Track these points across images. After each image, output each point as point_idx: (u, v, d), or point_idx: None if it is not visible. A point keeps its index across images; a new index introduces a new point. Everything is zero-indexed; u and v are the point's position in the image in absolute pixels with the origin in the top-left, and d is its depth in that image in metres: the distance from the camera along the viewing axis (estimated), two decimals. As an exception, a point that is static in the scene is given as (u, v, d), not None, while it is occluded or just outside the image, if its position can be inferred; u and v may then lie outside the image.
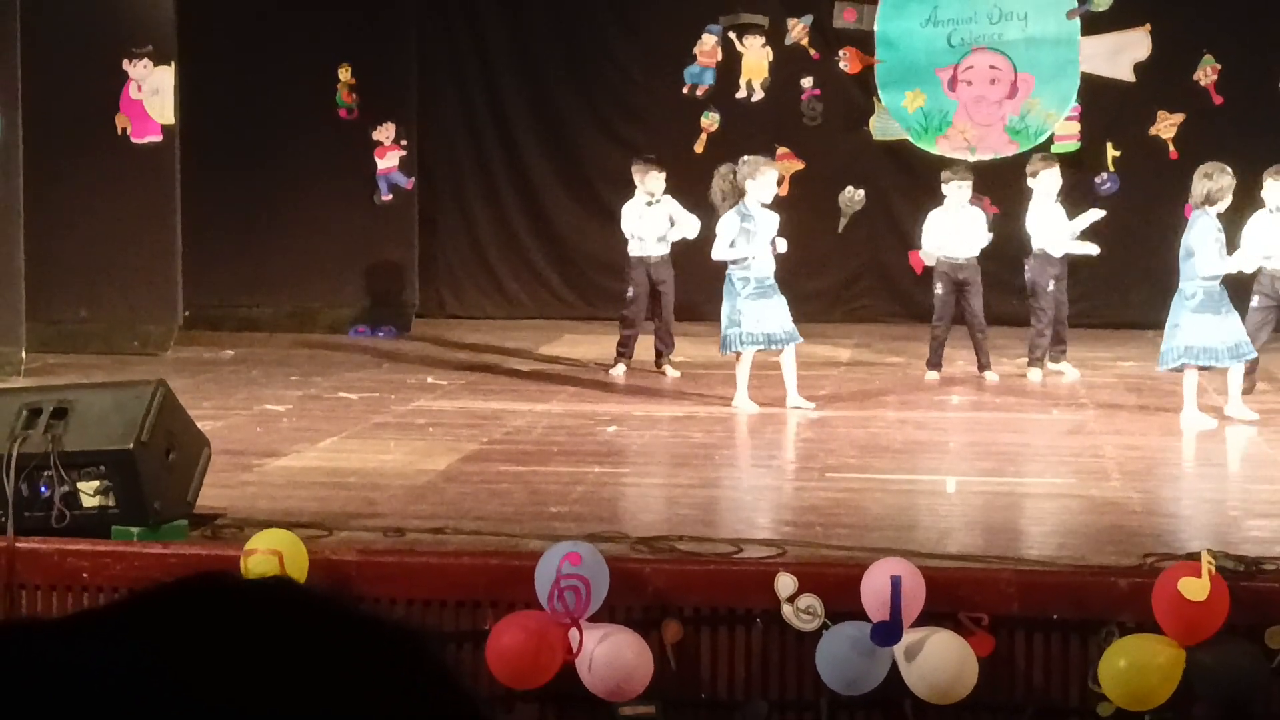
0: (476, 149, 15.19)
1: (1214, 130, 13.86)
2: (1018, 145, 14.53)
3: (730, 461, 9.03)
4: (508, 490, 8.07)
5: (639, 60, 15.00)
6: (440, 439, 9.43)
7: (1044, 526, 7.67)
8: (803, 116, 14.85)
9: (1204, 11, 14.15)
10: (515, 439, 9.51)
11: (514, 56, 15.08)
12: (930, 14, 14.63)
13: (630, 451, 9.35)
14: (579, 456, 8.99)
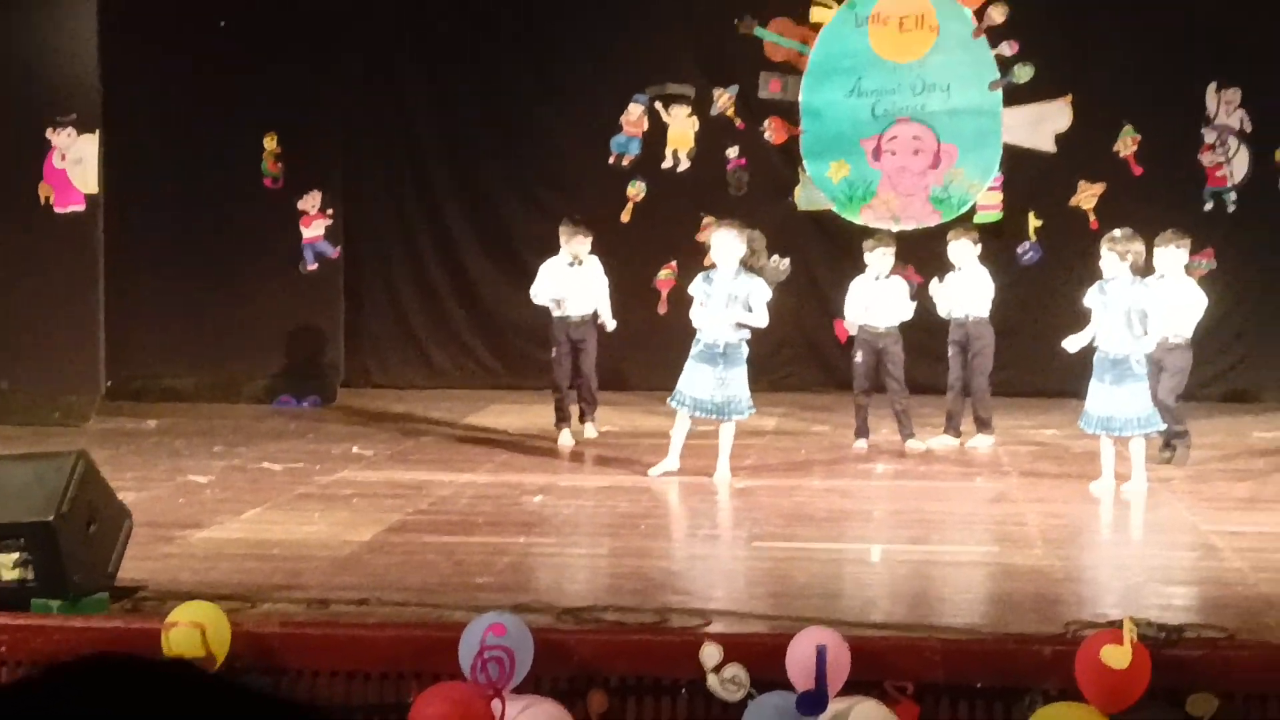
0: (402, 218, 15.19)
1: (1134, 201, 14.04)
2: (941, 215, 14.67)
3: (656, 531, 9.01)
4: (432, 561, 8.02)
5: (565, 129, 15.06)
6: (365, 510, 9.37)
7: (968, 594, 7.70)
8: (728, 186, 14.94)
9: (1124, 83, 14.35)
10: (440, 509, 9.47)
11: (440, 125, 15.10)
12: (854, 85, 14.77)
13: (556, 521, 9.33)
14: (504, 527, 8.95)
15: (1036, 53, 14.48)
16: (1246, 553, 8.33)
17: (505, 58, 14.96)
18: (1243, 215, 14.36)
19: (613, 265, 14.15)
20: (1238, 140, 14.37)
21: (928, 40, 14.70)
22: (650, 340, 14.67)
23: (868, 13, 14.72)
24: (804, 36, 14.77)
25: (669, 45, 14.95)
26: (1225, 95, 14.35)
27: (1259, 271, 14.36)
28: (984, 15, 14.56)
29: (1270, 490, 10.18)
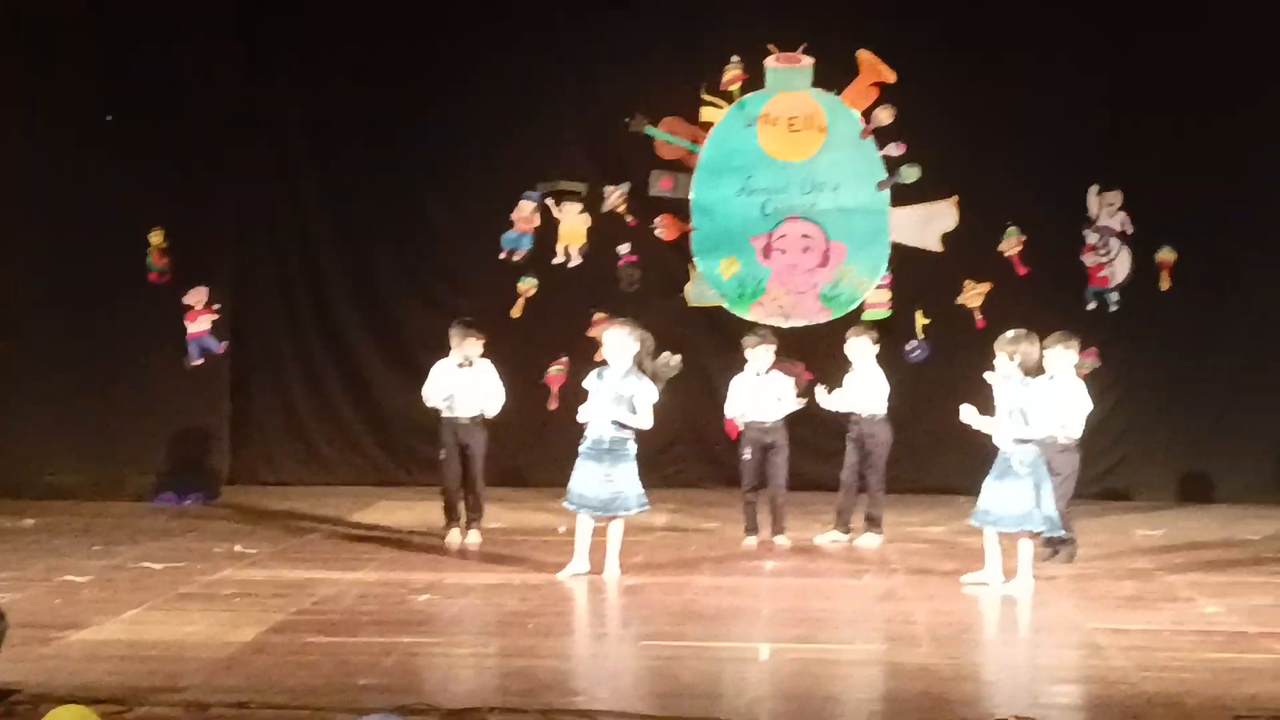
0: (292, 313, 15.08)
1: (1019, 300, 14.23)
2: (830, 312, 14.79)
3: (544, 629, 8.93)
4: (315, 661, 7.91)
5: (456, 225, 15.05)
6: (247, 609, 9.23)
7: (856, 694, 7.68)
8: (619, 282, 14.98)
9: (1009, 185, 14.57)
10: (324, 608, 9.34)
11: (331, 220, 15.04)
12: (744, 183, 14.91)
13: (443, 620, 9.22)
14: (390, 626, 8.84)
15: (923, 154, 14.70)
16: (1130, 651, 8.39)
17: (398, 152, 14.96)
18: (1125, 315, 14.59)
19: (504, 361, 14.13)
20: (1119, 241, 14.62)
21: (817, 140, 14.89)
22: (542, 436, 14.64)
23: (757, 112, 14.89)
24: (694, 135, 14.91)
25: (561, 142, 15.02)
26: (1107, 198, 14.61)
27: (1141, 371, 14.56)
28: (872, 117, 14.77)
29: (1154, 589, 10.27)
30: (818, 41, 14.77)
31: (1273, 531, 12.71)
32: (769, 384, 11.94)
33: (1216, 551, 11.78)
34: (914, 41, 14.64)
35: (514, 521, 12.78)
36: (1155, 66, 14.33)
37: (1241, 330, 14.39)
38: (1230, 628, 9.03)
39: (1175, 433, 14.54)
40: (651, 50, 14.75)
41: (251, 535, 12.04)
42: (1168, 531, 12.71)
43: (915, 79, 14.64)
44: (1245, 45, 14.25)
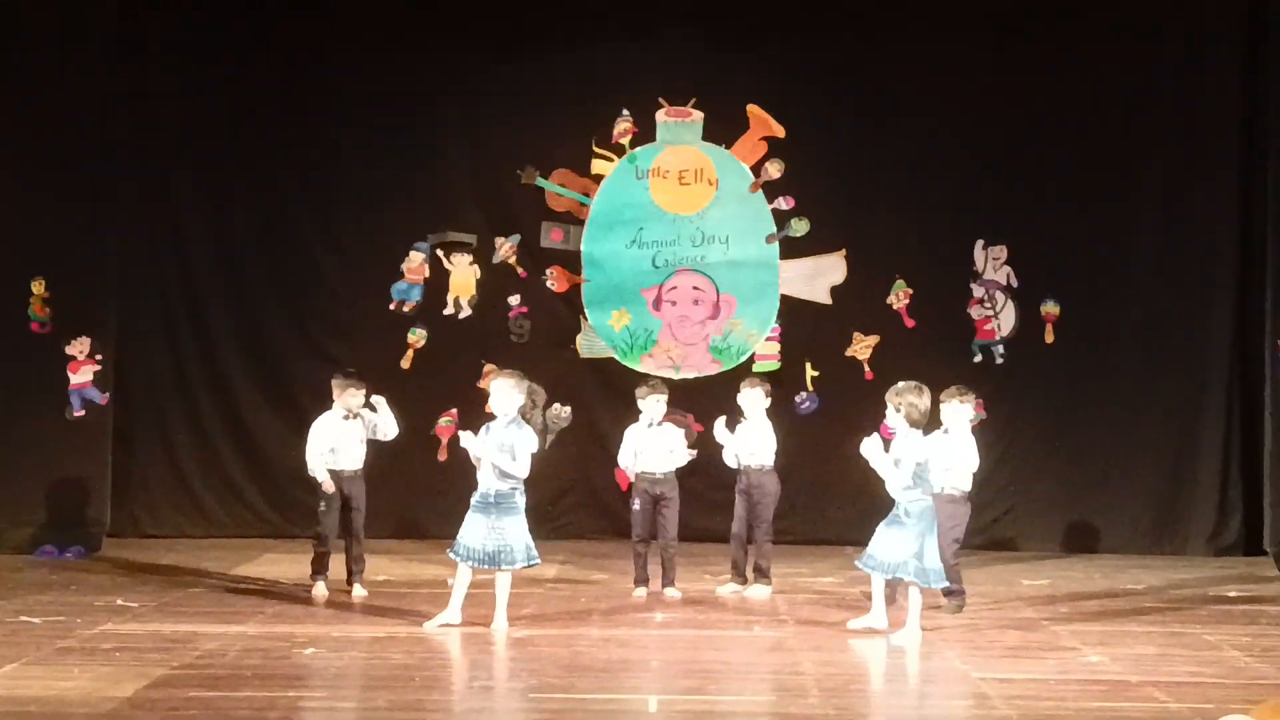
0: (177, 364, 14.89)
1: (906, 352, 14.37)
2: (721, 364, 14.86)
3: (431, 683, 8.85)
4: (197, 717, 7.81)
5: (345, 276, 14.96)
6: (128, 664, 9.08)
7: (743, 745, 7.67)
8: (510, 334, 14.96)
9: (896, 239, 14.72)
10: (207, 663, 9.20)
11: (218, 271, 14.90)
12: (635, 236, 14.96)
13: (328, 674, 9.11)
14: (274, 680, 8.73)
15: (812, 208, 14.84)
16: (1015, 700, 8.45)
17: (287, 202, 14.88)
18: (1011, 367, 14.76)
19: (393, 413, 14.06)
20: (1004, 295, 14.79)
21: (707, 194, 14.97)
22: (431, 488, 14.57)
23: (648, 166, 14.96)
24: (585, 188, 14.95)
25: (451, 192, 15.00)
26: (992, 252, 14.79)
27: (1026, 423, 14.72)
28: (761, 171, 14.88)
29: (1039, 638, 10.35)
30: (707, 96, 14.88)
31: (1154, 581, 12.88)
32: (661, 435, 11.95)
33: (1100, 601, 11.90)
34: (803, 97, 14.79)
35: (402, 574, 12.68)
36: (1039, 123, 14.57)
37: (1122, 382, 14.61)
38: (1113, 676, 9.12)
39: (1059, 484, 14.70)
40: (542, 103, 14.79)
41: (133, 588, 11.85)
42: (1052, 581, 12.83)
43: (804, 134, 14.78)
44: (1125, 104, 14.53)
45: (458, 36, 14.83)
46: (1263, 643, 10.23)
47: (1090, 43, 14.53)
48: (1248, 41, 14.37)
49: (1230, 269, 14.50)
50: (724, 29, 14.76)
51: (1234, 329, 14.49)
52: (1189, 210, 14.52)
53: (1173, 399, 14.56)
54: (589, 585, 12.36)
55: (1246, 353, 14.39)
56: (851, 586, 11.90)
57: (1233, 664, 9.56)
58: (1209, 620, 11.07)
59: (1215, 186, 14.50)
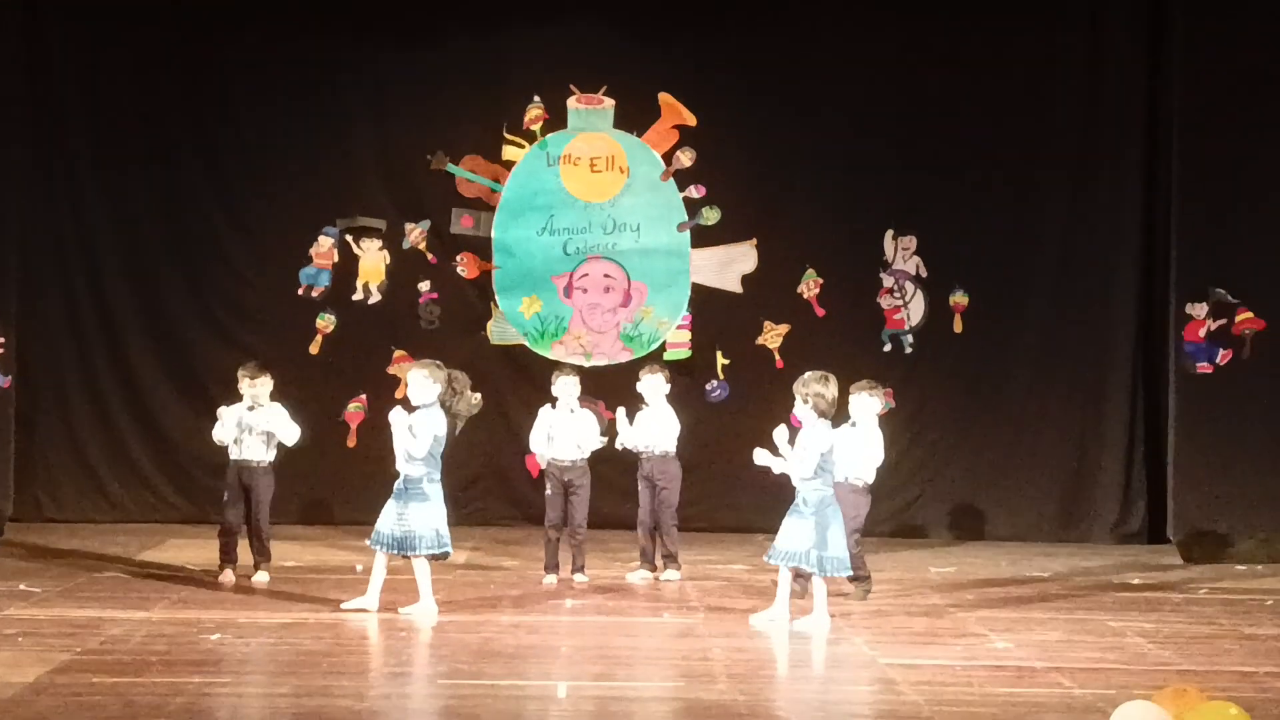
0: (80, 348, 14.71)
1: (817, 341, 14.44)
2: (632, 352, 14.86)
3: (338, 669, 8.79)
4: (101, 703, 7.71)
5: (252, 260, 14.84)
6: (30, 649, 8.96)
7: (652, 730, 7.68)
8: (420, 319, 14.89)
9: (806, 229, 14.79)
10: (111, 648, 9.10)
11: (122, 254, 14.72)
12: (546, 223, 14.93)
13: (234, 660, 9.03)
14: (179, 666, 8.65)
15: (723, 197, 14.86)
16: (922, 686, 8.51)
17: (192, 184, 14.73)
18: (919, 357, 14.86)
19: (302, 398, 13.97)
20: (914, 285, 14.89)
21: (618, 181, 14.97)
22: (339, 474, 14.50)
23: (559, 153, 14.93)
24: (496, 174, 14.90)
25: (360, 178, 14.91)
26: (902, 242, 14.89)
27: (934, 411, 14.84)
28: (672, 159, 14.89)
29: (946, 624, 10.44)
30: (619, 83, 14.87)
31: (1059, 568, 13.02)
32: (574, 423, 11.93)
33: (1006, 588, 12.02)
34: (714, 85, 14.82)
35: (310, 560, 12.60)
36: (948, 113, 14.67)
37: (1026, 372, 14.77)
38: (1019, 662, 9.21)
39: (966, 472, 14.83)
40: (453, 88, 14.74)
41: (36, 573, 11.69)
42: (959, 568, 12.94)
43: (716, 122, 14.80)
44: (1030, 94, 14.66)
45: (368, 18, 14.74)
46: (1165, 630, 10.37)
47: (996, 34, 14.65)
48: (1151, 31, 14.53)
49: (1134, 258, 14.67)
50: (636, 16, 14.76)
51: (1138, 319, 14.66)
52: (1093, 200, 14.68)
53: (1078, 389, 14.72)
54: (499, 571, 12.34)
55: (1150, 343, 14.57)
56: (761, 574, 11.93)
57: (1136, 650, 9.69)
58: (1113, 607, 11.21)
59: (1119, 176, 14.67)
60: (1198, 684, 7.86)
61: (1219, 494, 13.69)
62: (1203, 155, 13.75)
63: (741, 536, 13.69)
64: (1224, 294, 13.84)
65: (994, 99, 14.66)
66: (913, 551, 13.79)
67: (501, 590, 11.48)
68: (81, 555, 12.65)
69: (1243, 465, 13.66)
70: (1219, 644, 9.98)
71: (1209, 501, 13.72)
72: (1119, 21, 14.68)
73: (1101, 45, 14.69)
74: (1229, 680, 8.77)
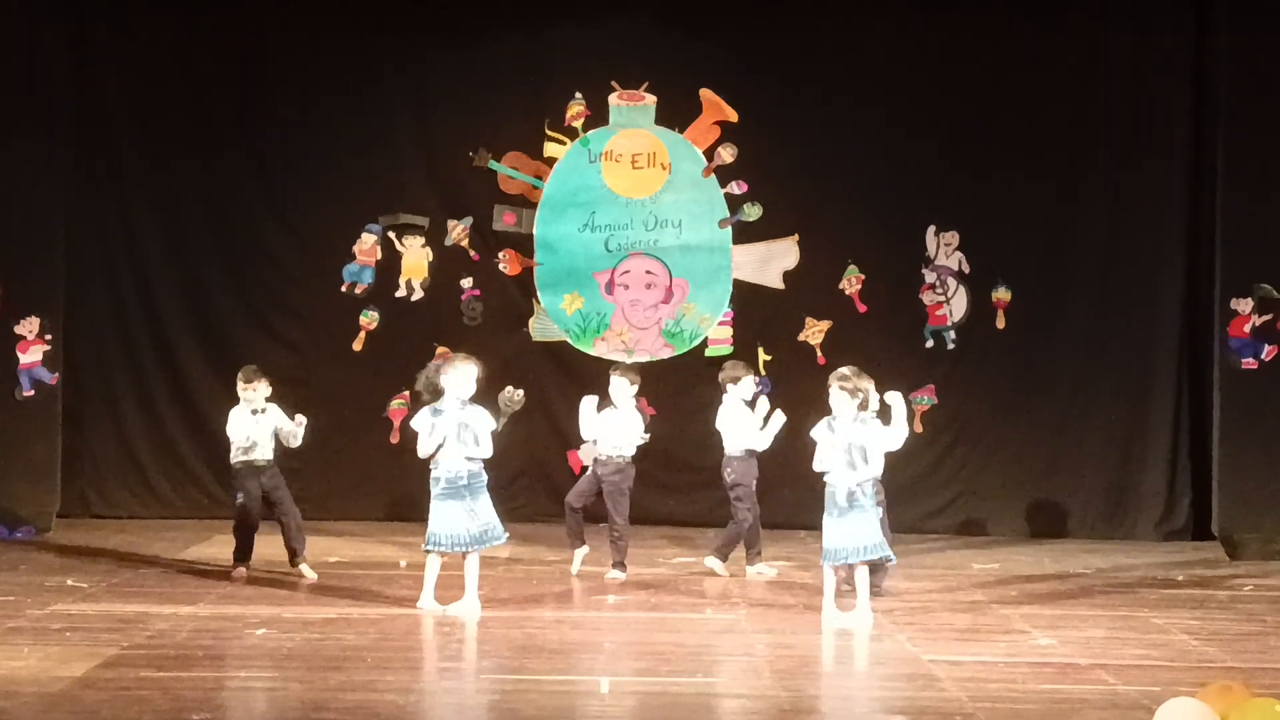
0: (127, 345, 14.80)
1: (859, 337, 14.43)
2: (673, 348, 14.87)
3: (383, 664, 8.83)
4: (148, 697, 7.77)
5: (296, 257, 14.89)
6: (78, 644, 9.04)
7: (696, 726, 7.68)
8: (462, 316, 14.94)
9: (849, 225, 14.76)
10: (158, 643, 9.17)
11: (168, 251, 14.80)
12: (588, 220, 14.95)
13: (279, 654, 9.09)
14: (225, 661, 8.71)
15: (765, 193, 14.85)
16: (965, 683, 8.51)
17: (236, 181, 14.79)
18: (962, 353, 14.82)
19: (345, 394, 14.05)
20: (956, 281, 14.85)
21: (660, 178, 14.97)
22: (382, 470, 14.53)
23: (600, 149, 14.95)
24: (538, 171, 14.92)
25: (403, 174, 14.95)
26: (944, 238, 14.85)
27: (977, 408, 14.79)
28: (714, 155, 14.89)
29: (988, 621, 10.42)
30: (660, 80, 14.87)
31: (1103, 565, 12.98)
32: (619, 420, 11.94)
33: (1049, 585, 11.99)
34: (756, 81, 14.80)
35: (354, 555, 12.66)
36: (990, 108, 14.62)
37: (1070, 368, 14.69)
38: (1062, 659, 9.20)
39: (1009, 469, 14.77)
40: (496, 84, 14.77)
41: (84, 569, 11.80)
42: (1003, 565, 12.90)
43: (757, 118, 14.79)
44: (1075, 90, 14.59)
45: (411, 17, 14.77)
46: (1210, 626, 10.33)
47: (1041, 29, 14.60)
48: (1197, 25, 14.44)
49: (1178, 254, 14.58)
50: (677, 12, 14.75)
51: (1183, 315, 14.57)
52: (1139, 196, 14.60)
53: (1122, 384, 14.64)
54: (541, 567, 12.37)
55: (1195, 339, 14.48)
56: (802, 571, 11.93)
57: (1180, 647, 9.65)
58: (1157, 604, 11.16)
59: (1163, 170, 14.57)
60: (1243, 681, 7.84)
61: (1264, 490, 13.62)
62: (1248, 150, 13.68)
63: (783, 533, 13.66)
64: (1269, 289, 13.78)
65: (1038, 94, 14.59)
66: (955, 549, 13.76)
67: (545, 586, 11.51)
68: (128, 550, 12.74)
69: (1288, 461, 13.60)
70: (1265, 641, 9.95)
71: (1254, 498, 13.64)
72: (1164, 16, 14.59)
73: (1146, 40, 14.61)
74: (1275, 678, 8.73)
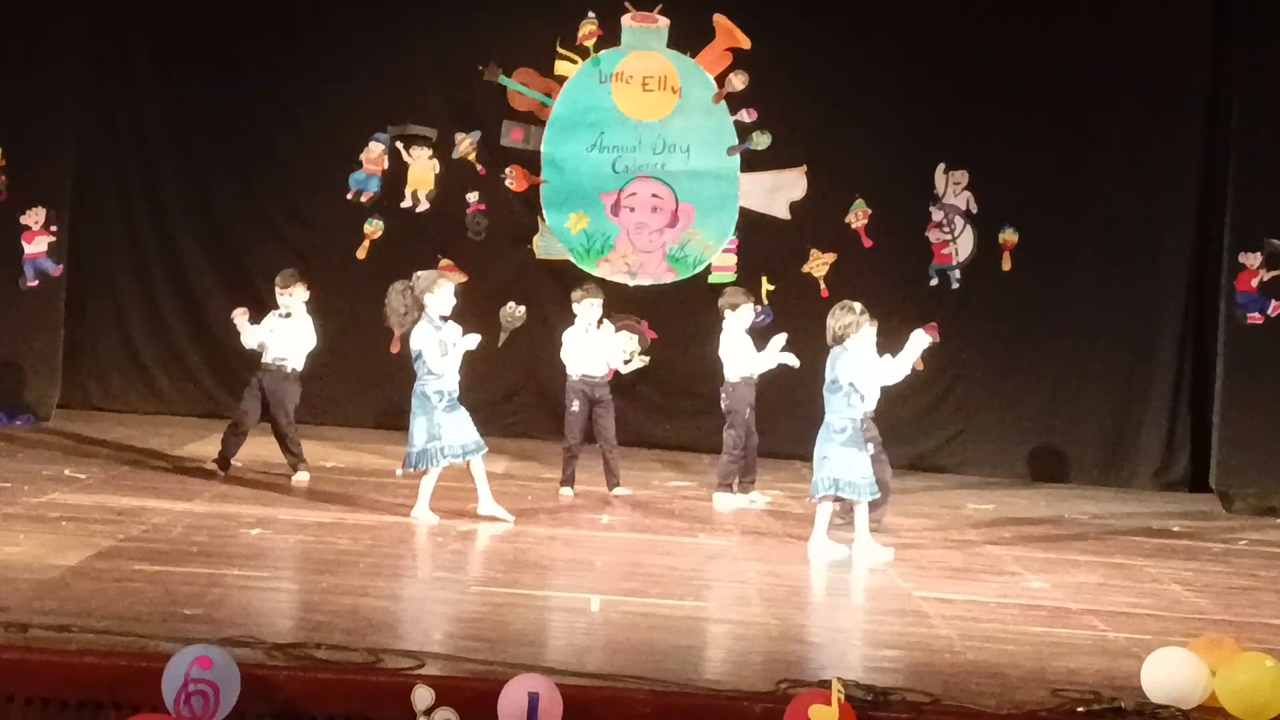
0: (133, 240, 14.78)
1: (863, 271, 14.39)
2: (677, 273, 14.84)
3: (375, 570, 8.86)
4: (140, 589, 7.79)
5: (304, 161, 14.82)
6: (73, 534, 9.06)
7: (684, 649, 7.70)
8: (467, 230, 14.90)
9: (857, 158, 14.70)
10: (153, 537, 9.19)
11: (174, 148, 14.75)
12: (596, 140, 14.87)
13: (272, 555, 9.12)
14: (218, 558, 8.73)
15: (775, 122, 14.77)
16: (954, 620, 8.53)
17: (247, 84, 14.69)
18: (966, 293, 14.79)
19: (347, 303, 14.01)
20: (964, 220, 14.80)
21: (670, 102, 14.89)
22: (381, 379, 14.50)
23: (611, 70, 14.86)
24: (548, 88, 14.83)
25: (413, 85, 14.87)
26: (953, 176, 14.79)
27: (979, 349, 14.78)
28: (725, 81, 14.80)
29: (980, 561, 10.45)
30: (674, 2, 14.77)
31: (1099, 511, 13.01)
32: (598, 339, 11.99)
33: (1044, 528, 12.01)
34: (770, 9, 14.69)
35: (350, 461, 12.68)
36: (1006, 49, 14.50)
37: (1075, 314, 14.67)
38: (1053, 603, 9.22)
39: (1008, 411, 14.78)
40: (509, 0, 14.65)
41: (82, 460, 11.82)
42: (998, 507, 12.92)
43: (770, 47, 14.68)
44: (1093, 36, 14.48)
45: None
46: (1203, 578, 10.36)
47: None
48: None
49: (1189, 205, 14.52)
50: (694, -64, 14.65)
51: (1191, 266, 14.53)
52: (1150, 144, 14.52)
53: (1126, 333, 14.62)
54: (537, 483, 12.38)
55: (1201, 291, 14.46)
56: (797, 502, 11.95)
57: (1173, 597, 9.68)
58: (1152, 553, 11.19)
59: (1177, 120, 14.49)
60: (1234, 634, 7.87)
61: (1263, 446, 13.63)
62: (1264, 104, 13.61)
63: (780, 462, 13.65)
64: (1278, 245, 13.74)
65: (1054, 37, 14.48)
66: (951, 489, 13.77)
67: (538, 502, 11.53)
68: (126, 444, 12.76)
69: (1289, 418, 13.61)
70: (1257, 595, 9.97)
71: (1253, 453, 13.65)
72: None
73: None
74: (1266, 632, 8.76)
